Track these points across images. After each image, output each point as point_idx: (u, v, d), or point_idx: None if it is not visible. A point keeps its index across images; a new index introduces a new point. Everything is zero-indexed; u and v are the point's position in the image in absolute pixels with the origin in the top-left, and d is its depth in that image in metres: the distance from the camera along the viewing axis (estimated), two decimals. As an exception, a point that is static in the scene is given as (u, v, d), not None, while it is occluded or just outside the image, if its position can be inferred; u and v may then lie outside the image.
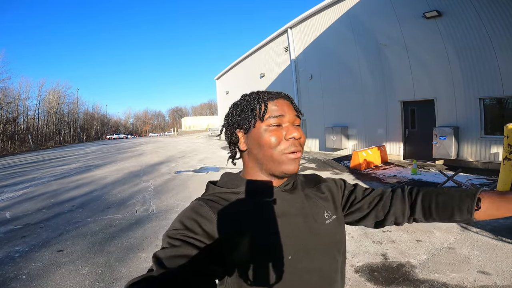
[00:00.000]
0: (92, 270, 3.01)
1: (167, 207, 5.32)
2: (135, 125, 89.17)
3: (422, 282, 2.46)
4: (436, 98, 8.06)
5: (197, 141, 26.27)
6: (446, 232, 3.54)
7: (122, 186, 7.41)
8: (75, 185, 7.93)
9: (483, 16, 6.75)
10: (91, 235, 4.01)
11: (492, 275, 2.50)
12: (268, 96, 0.71)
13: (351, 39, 10.36)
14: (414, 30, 8.21)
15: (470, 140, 7.47)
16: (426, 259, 2.86)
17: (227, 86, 24.05)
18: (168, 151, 17.05)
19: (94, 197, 6.41)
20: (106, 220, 4.70)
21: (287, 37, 13.92)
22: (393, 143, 9.29)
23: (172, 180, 7.86)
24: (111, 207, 5.48)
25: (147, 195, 6.30)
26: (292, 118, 0.69)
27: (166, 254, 0.56)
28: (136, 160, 13.28)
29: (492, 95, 7.00)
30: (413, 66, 8.50)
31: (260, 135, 0.68)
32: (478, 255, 2.88)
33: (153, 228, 4.21)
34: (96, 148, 24.98)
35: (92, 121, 60.60)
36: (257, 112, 0.69)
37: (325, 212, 0.74)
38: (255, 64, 18.07)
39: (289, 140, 0.67)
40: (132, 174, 9.34)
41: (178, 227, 0.61)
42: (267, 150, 0.67)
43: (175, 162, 11.72)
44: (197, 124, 59.27)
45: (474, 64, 7.15)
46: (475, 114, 7.31)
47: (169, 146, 21.40)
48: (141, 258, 3.23)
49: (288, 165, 0.67)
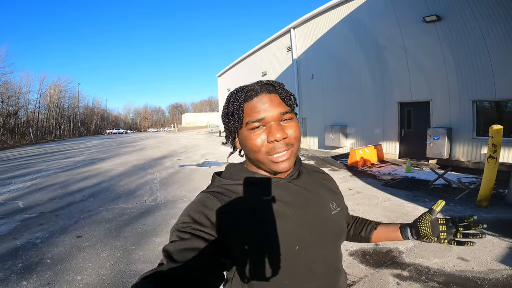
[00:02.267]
0: (111, 253, 3.28)
1: (174, 197, 5.63)
2: (135, 120, 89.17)
3: (408, 266, 2.77)
4: (432, 100, 8.36)
5: (197, 137, 26.50)
6: (433, 224, 3.85)
7: (128, 178, 7.70)
8: (83, 176, 8.22)
9: (480, 21, 7.01)
10: (105, 222, 4.32)
11: (470, 261, 2.80)
12: (246, 94, 0.66)
13: (352, 40, 10.61)
14: (414, 33, 8.47)
15: (462, 141, 7.77)
16: (413, 246, 3.17)
17: (229, 84, 24.23)
18: (170, 146, 17.31)
19: (103, 188, 6.70)
20: (118, 209, 5.00)
21: (289, 37, 14.16)
22: (390, 142, 9.61)
23: (177, 173, 8.16)
24: (121, 197, 5.78)
25: (153, 187, 6.59)
26: (276, 115, 0.64)
27: (176, 248, 0.57)
28: (139, 154, 13.55)
29: (485, 98, 7.30)
30: (411, 68, 8.79)
31: (244, 138, 0.67)
32: (460, 244, 3.18)
33: (163, 216, 4.52)
34: (98, 142, 25.21)
35: (92, 116, 60.64)
36: (236, 116, 0.66)
37: (330, 203, 0.75)
38: (257, 62, 18.27)
39: (272, 142, 0.64)
40: (137, 167, 9.63)
41: (186, 220, 0.62)
42: (252, 154, 0.66)
43: (178, 157, 12.01)
44: (197, 120, 59.42)
45: (469, 67, 7.43)
46: (468, 116, 7.61)
47: (170, 141, 21.65)
48: (155, 242, 3.53)
49: (276, 166, 0.65)
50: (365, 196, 5.35)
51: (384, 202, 4.95)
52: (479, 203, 4.48)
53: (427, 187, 5.87)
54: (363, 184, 6.34)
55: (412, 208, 4.56)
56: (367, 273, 2.66)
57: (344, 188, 6.02)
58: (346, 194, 5.57)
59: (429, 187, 5.91)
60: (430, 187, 5.90)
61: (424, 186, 5.95)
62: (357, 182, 6.56)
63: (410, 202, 4.88)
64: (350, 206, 4.69)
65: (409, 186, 6.02)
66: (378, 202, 4.97)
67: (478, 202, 4.50)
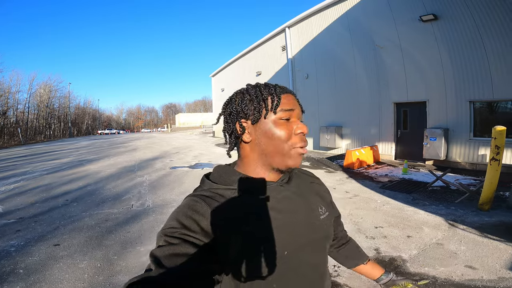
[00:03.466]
0: (91, 263, 3.01)
1: (163, 202, 5.35)
2: (128, 121, 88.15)
3: (413, 275, 2.57)
4: (428, 100, 8.25)
5: (191, 138, 26.18)
6: (435, 229, 3.67)
7: (116, 181, 7.38)
8: (68, 179, 7.86)
9: (478, 21, 6.92)
10: (87, 229, 4.01)
11: (479, 269, 2.62)
12: (280, 87, 0.70)
13: (348, 40, 10.47)
14: (410, 32, 8.36)
15: (459, 142, 7.68)
16: (417, 254, 2.98)
17: (222, 84, 23.98)
18: (162, 147, 16.97)
19: (88, 191, 6.38)
20: (102, 214, 4.70)
21: (284, 37, 13.98)
22: (386, 143, 9.47)
23: (168, 176, 7.87)
24: (106, 202, 5.47)
25: (142, 190, 6.30)
26: (299, 113, 0.71)
27: (165, 253, 0.56)
28: (130, 155, 13.19)
29: (482, 98, 7.20)
30: (407, 68, 8.67)
31: (270, 127, 0.67)
32: (465, 251, 3.00)
33: (150, 222, 4.24)
34: (88, 143, 24.66)
35: (83, 116, 59.67)
36: (269, 103, 0.67)
37: (319, 207, 0.75)
38: (252, 62, 18.07)
39: (298, 134, 0.67)
40: (126, 169, 9.30)
41: (175, 225, 0.60)
42: (278, 144, 0.66)
43: (170, 158, 11.70)
44: (191, 120, 59.07)
45: (467, 67, 7.34)
46: (465, 116, 7.51)
47: (162, 142, 21.29)
48: (140, 252, 3.26)
49: (294, 160, 0.67)
50: (363, 200, 5.15)
51: (383, 205, 4.75)
52: (481, 206, 4.33)
53: (426, 190, 5.72)
54: (360, 186, 6.15)
55: (412, 212, 4.38)
56: (370, 286, 2.44)
57: (341, 191, 5.82)
58: (343, 197, 5.37)
59: (428, 189, 5.76)
60: (428, 189, 5.75)
61: (423, 188, 5.80)
62: (354, 184, 6.37)
63: (410, 205, 4.70)
64: (349, 210, 4.52)
65: (407, 189, 5.86)
66: (377, 206, 4.77)
67: (480, 205, 4.34)
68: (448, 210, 4.42)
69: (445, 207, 4.55)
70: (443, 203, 4.79)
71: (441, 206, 4.63)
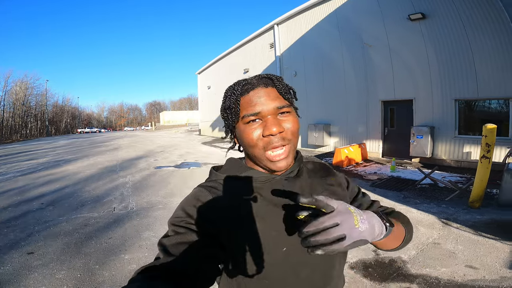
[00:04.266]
0: (70, 274, 2.74)
1: (148, 204, 5.06)
2: (110, 119, 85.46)
3: (416, 277, 2.49)
4: (415, 98, 8.34)
5: (176, 136, 25.64)
6: (430, 228, 3.63)
7: (97, 182, 6.99)
8: (44, 181, 7.37)
9: (465, 20, 7.02)
10: (64, 235, 3.69)
11: (480, 269, 2.58)
12: (242, 88, 0.65)
13: (337, 37, 10.45)
14: (398, 31, 8.42)
15: (444, 140, 7.80)
16: (416, 254, 2.91)
17: (209, 81, 23.58)
18: (146, 146, 16.46)
19: (65, 194, 5.98)
20: (81, 219, 4.37)
21: (273, 34, 13.85)
22: (373, 141, 9.53)
23: (152, 176, 7.54)
24: (86, 205, 5.12)
25: (125, 192, 5.97)
26: (271, 110, 0.62)
27: (171, 242, 0.58)
28: (112, 155, 12.67)
29: (467, 97, 7.34)
30: (395, 66, 8.73)
31: (240, 133, 0.66)
32: (463, 250, 2.96)
33: (135, 227, 3.95)
34: (66, 142, 23.63)
35: (61, 114, 57.28)
36: (233, 110, 0.65)
37: None
38: (239, 59, 17.84)
39: (267, 136, 0.62)
40: (108, 169, 8.87)
41: (180, 214, 0.62)
42: (249, 149, 0.65)
43: (154, 157, 11.30)
44: (177, 118, 58.06)
45: (453, 66, 7.44)
46: (451, 114, 7.64)
47: (146, 141, 20.70)
48: (124, 260, 3.00)
49: (272, 164, 0.63)
50: (355, 198, 5.08)
51: (376, 204, 4.69)
52: (472, 204, 4.34)
53: (415, 187, 5.74)
54: (351, 184, 6.10)
55: (405, 210, 4.33)
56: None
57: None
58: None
59: (417, 187, 5.77)
60: (417, 187, 5.77)
61: (412, 186, 5.82)
62: (344, 182, 6.31)
63: (402, 204, 4.68)
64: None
65: (396, 186, 5.87)
66: (369, 204, 4.70)
67: (471, 203, 4.36)
68: (439, 208, 4.41)
69: (436, 205, 4.55)
70: (433, 201, 4.79)
71: (432, 204, 4.63)
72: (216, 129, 22.67)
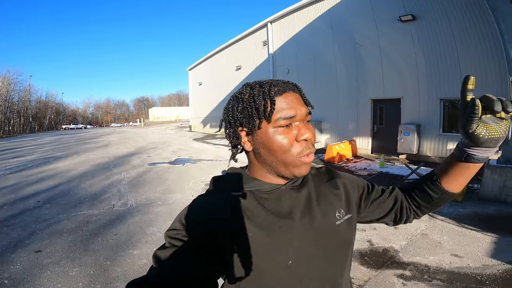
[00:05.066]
0: (83, 271, 2.81)
1: (147, 200, 5.15)
2: (96, 115, 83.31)
3: (408, 265, 2.72)
4: (403, 97, 8.67)
5: (167, 132, 25.43)
6: (418, 220, 3.89)
7: (92, 179, 6.98)
8: (36, 178, 7.29)
9: (452, 22, 7.33)
10: (68, 233, 3.75)
11: (464, 258, 2.83)
12: (275, 89, 0.61)
13: (329, 37, 10.66)
14: (389, 32, 8.68)
15: (430, 137, 8.16)
16: (406, 244, 3.15)
17: (200, 77, 23.43)
18: (137, 142, 16.32)
19: (61, 191, 5.96)
20: (81, 216, 4.42)
21: (266, 31, 13.95)
22: (363, 137, 9.85)
23: (147, 173, 7.58)
24: (84, 202, 5.15)
25: (122, 189, 6.02)
26: (303, 115, 0.62)
27: (166, 254, 0.56)
28: (102, 151, 12.55)
29: (451, 96, 7.71)
30: (384, 66, 9.02)
31: (268, 138, 0.61)
32: (448, 240, 3.23)
33: (138, 223, 4.05)
34: (53, 139, 23.05)
35: (45, 110, 55.52)
36: (262, 111, 0.60)
37: (337, 211, 0.68)
38: (232, 56, 17.82)
39: (301, 142, 0.61)
40: (100, 166, 8.83)
41: (178, 227, 0.59)
42: (278, 155, 0.61)
43: (147, 154, 11.28)
44: (166, 114, 57.41)
45: (439, 67, 7.78)
46: (436, 113, 8.00)
47: (137, 137, 20.48)
48: (134, 256, 3.09)
49: (300, 169, 0.62)
50: (347, 193, 5.33)
51: (367, 199, 4.95)
52: (455, 198, 4.64)
53: (402, 182, 6.04)
54: (343, 180, 6.35)
55: (394, 204, 4.60)
56: (371, 275, 2.56)
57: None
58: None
59: (404, 182, 6.07)
60: (405, 182, 6.07)
61: (399, 181, 6.12)
62: (336, 178, 6.56)
63: (392, 198, 4.94)
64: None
65: (385, 181, 6.16)
66: (361, 199, 4.96)
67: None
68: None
69: (422, 199, 4.83)
70: (420, 195, 5.08)
71: (419, 198, 4.91)
72: (207, 125, 22.64)
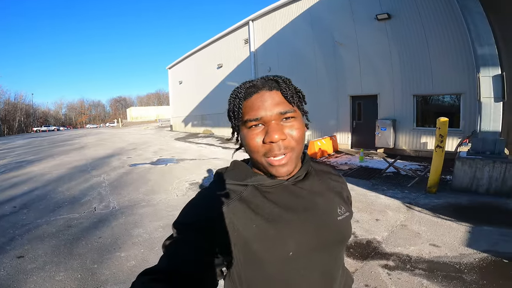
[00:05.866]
0: (69, 275, 2.74)
1: (130, 202, 5.04)
2: (69, 116, 79.47)
3: (391, 255, 2.87)
4: (379, 94, 9.02)
5: (146, 133, 24.80)
6: (397, 212, 4.09)
7: (69, 183, 6.71)
8: (10, 183, 6.91)
9: (425, 22, 7.70)
10: (49, 238, 3.62)
11: (442, 247, 2.98)
12: (246, 91, 0.63)
13: (310, 35, 10.84)
14: (366, 30, 8.97)
15: (404, 131, 8.57)
16: (388, 236, 3.31)
17: (180, 76, 22.99)
18: (116, 143, 15.81)
19: (37, 196, 5.71)
20: (61, 220, 4.26)
21: (248, 30, 13.93)
22: (343, 133, 10.15)
23: (128, 174, 7.40)
24: (63, 206, 4.97)
25: (102, 191, 5.84)
26: (274, 115, 0.60)
27: (173, 244, 0.59)
28: (79, 154, 12.05)
29: (424, 92, 8.12)
30: (362, 63, 9.32)
31: (243, 137, 0.65)
32: (426, 231, 3.40)
33: (122, 225, 3.97)
34: (24, 142, 21.83)
35: (14, 112, 52.42)
36: (236, 114, 0.64)
37: (338, 207, 0.71)
38: (213, 54, 17.63)
39: (268, 143, 0.60)
40: (78, 169, 8.49)
41: (184, 217, 0.62)
42: (251, 154, 0.64)
43: (127, 155, 10.97)
44: (145, 114, 55.98)
45: (412, 64, 8.16)
46: (410, 108, 8.40)
47: (114, 138, 19.82)
48: (121, 258, 3.04)
49: (274, 170, 0.62)
50: (330, 188, 5.48)
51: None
52: (429, 189, 4.90)
53: (381, 176, 6.30)
54: (325, 175, 6.52)
55: (374, 197, 4.80)
56: (357, 267, 2.68)
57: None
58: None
59: (383, 175, 6.35)
60: (383, 175, 6.34)
61: (378, 175, 6.38)
62: (319, 174, 6.72)
63: (371, 191, 5.15)
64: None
65: (365, 175, 6.39)
66: (343, 193, 5.13)
67: (428, 189, 4.91)
68: (403, 194, 4.94)
69: (400, 191, 5.07)
70: (398, 187, 5.33)
71: (397, 190, 5.15)
72: (189, 124, 22.31)
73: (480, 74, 4.97)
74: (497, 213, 3.87)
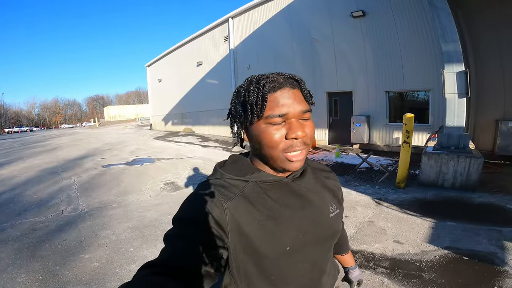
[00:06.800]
0: (30, 276, 2.68)
1: (101, 204, 4.90)
2: (42, 116, 75.84)
3: (356, 253, 2.88)
4: (354, 90, 9.23)
5: (125, 132, 24.13)
6: (366, 208, 4.13)
7: (37, 186, 6.42)
8: (-27, 188, 6.52)
9: (397, 20, 7.91)
10: (13, 241, 3.47)
11: (405, 244, 3.00)
12: (271, 85, 0.62)
13: (288, 32, 10.90)
14: (342, 27, 9.12)
15: (378, 127, 8.82)
16: (355, 233, 3.34)
17: (160, 74, 22.48)
18: (91, 144, 15.27)
19: (4, 200, 5.43)
20: (27, 223, 4.09)
21: (227, 27, 13.81)
22: (321, 129, 10.31)
23: (101, 175, 7.17)
24: (29, 210, 4.75)
25: (72, 193, 5.64)
26: (297, 113, 0.62)
27: (173, 237, 0.60)
28: (50, 156, 11.54)
29: (395, 89, 8.40)
30: (338, 60, 9.49)
31: (259, 133, 0.63)
32: (392, 227, 3.42)
33: (90, 227, 3.85)
34: (-9, 143, 20.62)
35: (-17, 113, 49.40)
36: (255, 107, 0.62)
37: (329, 205, 0.74)
38: (192, 52, 17.35)
39: (291, 139, 0.62)
40: (48, 171, 8.13)
41: (184, 211, 0.63)
42: (266, 150, 0.64)
43: (101, 156, 10.62)
44: (124, 113, 54.29)
45: (385, 61, 8.39)
46: (382, 104, 8.65)
47: (90, 138, 19.15)
48: (85, 259, 2.96)
49: (289, 165, 0.64)
50: (304, 184, 5.55)
51: (322, 188, 5.22)
52: (398, 184, 5.02)
53: (355, 171, 6.46)
54: (301, 172, 6.60)
55: (346, 193, 4.83)
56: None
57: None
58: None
59: (356, 171, 6.51)
60: (357, 171, 6.51)
61: (352, 170, 6.54)
62: (295, 170, 6.79)
63: (344, 187, 5.20)
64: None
65: (340, 171, 6.54)
66: (316, 188, 5.21)
67: (397, 184, 5.03)
68: (373, 189, 5.03)
69: (371, 187, 5.16)
70: (369, 183, 5.45)
71: (368, 186, 5.25)
72: (169, 123, 21.91)
73: (444, 70, 5.05)
74: (461, 208, 3.91)
